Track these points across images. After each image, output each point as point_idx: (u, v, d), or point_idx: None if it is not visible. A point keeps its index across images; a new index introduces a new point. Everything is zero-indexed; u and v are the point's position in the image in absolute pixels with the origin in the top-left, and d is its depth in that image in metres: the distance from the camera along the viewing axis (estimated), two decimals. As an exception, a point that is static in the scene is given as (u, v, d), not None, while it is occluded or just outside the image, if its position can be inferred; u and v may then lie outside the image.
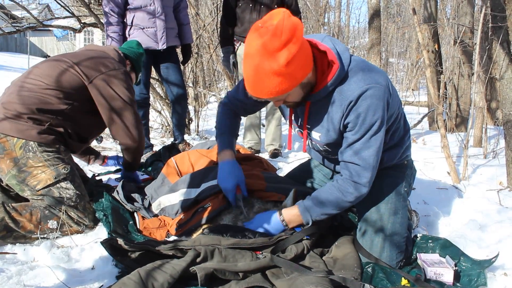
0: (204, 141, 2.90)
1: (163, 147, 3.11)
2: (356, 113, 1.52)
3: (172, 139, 4.02)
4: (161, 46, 3.29)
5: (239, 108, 1.94)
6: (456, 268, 1.61)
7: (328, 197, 1.64)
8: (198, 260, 1.50)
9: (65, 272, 1.59)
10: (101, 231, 1.98)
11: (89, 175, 2.53)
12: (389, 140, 1.75)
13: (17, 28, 4.15)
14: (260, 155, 3.65)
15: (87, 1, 4.03)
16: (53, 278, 1.54)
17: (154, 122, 4.92)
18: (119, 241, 1.56)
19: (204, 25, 5.92)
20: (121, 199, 2.13)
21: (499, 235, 1.91)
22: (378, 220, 1.73)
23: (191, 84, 5.51)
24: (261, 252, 1.62)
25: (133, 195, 2.19)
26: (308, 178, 2.09)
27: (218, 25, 6.12)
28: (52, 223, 1.94)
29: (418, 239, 1.85)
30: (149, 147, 3.63)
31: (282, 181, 2.03)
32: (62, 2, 4.08)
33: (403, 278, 1.54)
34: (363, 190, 1.61)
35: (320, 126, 1.67)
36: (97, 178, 2.48)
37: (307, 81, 1.51)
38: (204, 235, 1.69)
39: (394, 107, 1.65)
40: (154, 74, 4.17)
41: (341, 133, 1.63)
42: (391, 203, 1.75)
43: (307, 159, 3.51)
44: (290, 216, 1.69)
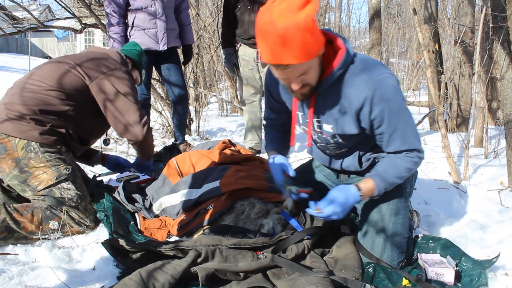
0: (205, 142, 2.91)
1: (163, 148, 3.12)
2: (380, 107, 1.52)
3: (173, 140, 4.02)
4: (162, 47, 3.30)
5: (280, 121, 1.93)
6: (457, 268, 1.61)
7: (397, 171, 1.64)
8: (199, 260, 1.50)
9: (66, 273, 1.59)
10: (102, 231, 1.98)
11: (90, 176, 2.53)
12: None
13: (18, 29, 4.16)
14: (261, 155, 3.65)
15: (88, 2, 4.03)
16: (54, 279, 1.54)
17: (155, 122, 4.92)
18: (121, 242, 1.56)
19: (205, 26, 5.93)
20: (122, 199, 2.13)
21: (500, 235, 1.91)
22: (379, 220, 1.72)
23: (191, 85, 5.51)
24: (261, 252, 1.62)
25: (134, 195, 2.19)
26: (309, 179, 2.09)
27: (219, 26, 6.14)
28: (53, 224, 1.94)
29: (419, 239, 1.85)
30: (150, 147, 3.64)
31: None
32: (63, 3, 4.09)
33: (404, 278, 1.54)
34: (423, 156, 1.67)
35: (330, 117, 1.64)
36: (98, 179, 2.48)
37: (321, 59, 1.49)
38: (205, 236, 1.69)
39: None
40: (155, 74, 4.17)
41: (359, 123, 1.60)
42: (393, 204, 1.75)
43: (308, 159, 3.52)
44: (367, 190, 1.62)
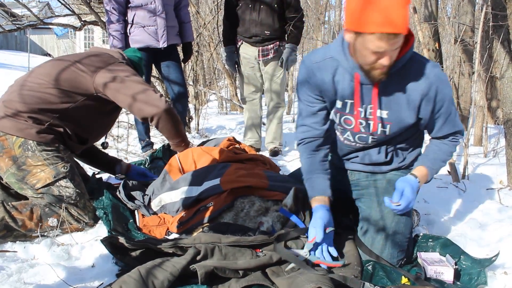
0: (211, 140, 2.91)
1: (163, 145, 3.11)
2: (444, 92, 1.60)
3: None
4: (162, 44, 3.29)
5: (315, 135, 1.78)
6: (456, 267, 1.61)
7: (443, 156, 1.74)
8: (198, 258, 1.50)
9: (65, 270, 1.59)
10: (101, 229, 1.98)
11: (90, 173, 2.53)
12: (417, 137, 1.83)
13: (17, 26, 4.14)
14: (260, 153, 3.65)
15: (87, -1, 4.02)
16: (53, 276, 1.54)
17: (154, 120, 4.91)
18: (120, 239, 1.56)
19: (205, 23, 5.92)
20: (123, 198, 2.13)
21: (499, 234, 1.91)
22: (380, 219, 1.72)
23: (191, 82, 5.50)
24: (261, 250, 1.62)
25: (134, 193, 2.19)
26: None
27: (219, 24, 6.12)
28: (52, 221, 1.94)
29: (418, 238, 1.85)
30: (149, 145, 3.63)
31: (284, 180, 2.03)
32: (63, 0, 4.07)
33: (403, 276, 1.54)
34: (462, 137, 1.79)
35: (389, 103, 1.63)
36: (98, 176, 2.47)
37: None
38: (204, 233, 1.69)
39: None
40: (154, 72, 4.16)
41: (418, 110, 1.64)
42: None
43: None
44: (422, 177, 1.68)
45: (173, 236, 1.92)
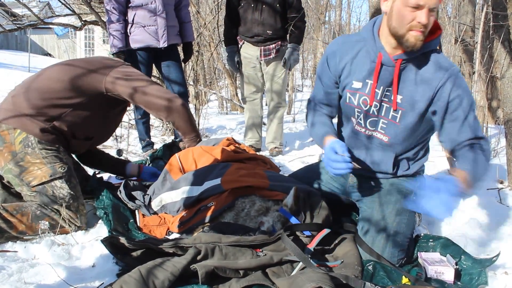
0: (208, 139, 2.90)
1: (163, 145, 3.11)
2: (459, 90, 1.60)
3: (172, 137, 4.02)
4: (162, 44, 3.29)
5: (324, 106, 1.93)
6: (457, 267, 1.61)
7: (483, 170, 1.60)
8: (199, 258, 1.50)
9: (65, 270, 1.59)
10: (102, 229, 1.98)
11: (90, 173, 2.53)
12: (425, 142, 1.83)
13: (17, 25, 4.14)
14: (261, 153, 3.65)
15: (88, -1, 4.02)
16: (54, 276, 1.54)
17: (154, 120, 4.92)
18: (121, 240, 1.56)
19: (205, 23, 5.92)
20: (123, 198, 2.13)
21: (500, 234, 1.91)
22: (381, 219, 1.73)
23: (191, 82, 5.50)
24: (261, 250, 1.62)
25: (134, 193, 2.19)
26: (314, 179, 2.09)
27: (219, 24, 6.12)
28: (44, 224, 1.93)
29: (419, 238, 1.85)
30: (150, 145, 3.63)
31: (285, 180, 2.03)
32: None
33: (403, 276, 1.54)
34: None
35: (405, 88, 1.66)
36: (98, 176, 2.47)
37: None
38: (204, 233, 1.69)
39: None
40: (154, 72, 4.16)
41: (431, 102, 1.64)
42: (396, 204, 1.76)
43: (308, 157, 3.52)
44: (463, 178, 1.51)
45: (173, 236, 1.92)
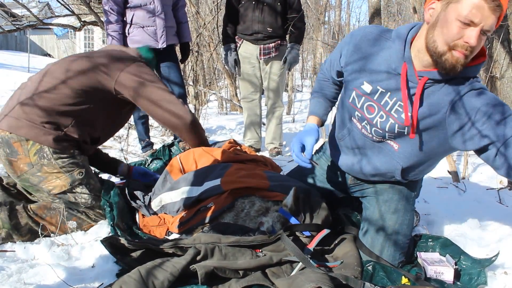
0: (212, 142, 2.91)
1: (163, 146, 3.11)
2: (471, 106, 1.38)
3: (172, 138, 4.01)
4: (161, 44, 3.29)
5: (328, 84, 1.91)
6: (456, 267, 1.61)
7: None
8: (198, 258, 1.50)
9: (65, 270, 1.59)
10: (102, 229, 1.98)
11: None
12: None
13: (17, 26, 4.14)
14: (260, 153, 3.65)
15: (87, -1, 4.02)
16: (53, 276, 1.54)
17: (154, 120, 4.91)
18: (121, 240, 1.56)
19: (205, 24, 5.92)
20: (127, 197, 2.14)
21: (499, 234, 1.91)
22: (380, 219, 1.73)
23: (191, 83, 5.50)
24: (260, 250, 1.62)
25: (136, 192, 2.20)
26: (308, 176, 2.09)
27: (219, 24, 6.12)
28: (72, 223, 1.97)
29: (418, 238, 1.85)
30: (149, 145, 3.63)
31: (285, 180, 2.03)
32: (62, 0, 4.07)
33: (403, 276, 1.54)
34: None
35: (425, 113, 1.46)
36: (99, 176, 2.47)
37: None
38: (204, 233, 1.69)
39: None
40: (154, 72, 4.16)
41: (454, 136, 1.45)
42: (394, 203, 1.76)
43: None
44: None
45: (173, 236, 1.92)
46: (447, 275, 1.58)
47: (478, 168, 3.07)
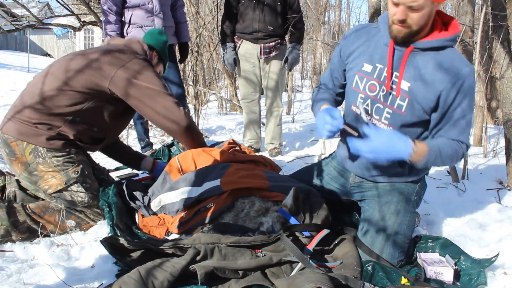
0: (211, 143, 2.91)
1: (162, 146, 3.11)
2: (466, 91, 1.64)
3: (171, 138, 4.01)
4: (161, 44, 3.28)
5: (330, 87, 1.99)
6: (456, 267, 1.61)
7: (448, 151, 1.64)
8: (198, 258, 1.50)
9: (65, 271, 1.59)
10: (101, 229, 1.98)
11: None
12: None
13: (17, 26, 4.14)
14: (260, 153, 3.64)
15: (87, -1, 4.02)
16: (53, 277, 1.54)
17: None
18: (121, 241, 1.56)
19: (204, 24, 5.92)
20: (126, 197, 2.13)
21: (499, 234, 1.91)
22: (381, 220, 1.73)
23: (191, 83, 5.50)
24: (260, 251, 1.62)
25: (135, 193, 2.19)
26: (315, 180, 2.09)
27: (218, 24, 6.11)
28: (70, 222, 1.98)
29: (418, 238, 1.85)
30: (149, 145, 3.63)
31: (285, 180, 2.03)
32: (62, 0, 4.07)
33: (403, 277, 1.54)
34: (466, 152, 1.71)
35: (414, 76, 1.68)
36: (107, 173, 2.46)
37: (430, 18, 1.61)
38: (203, 234, 1.69)
39: None
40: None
41: (438, 97, 1.65)
42: (395, 205, 1.77)
43: (307, 158, 3.52)
44: (420, 149, 1.59)
45: (172, 236, 1.92)
46: (447, 275, 1.58)
47: (478, 169, 3.07)
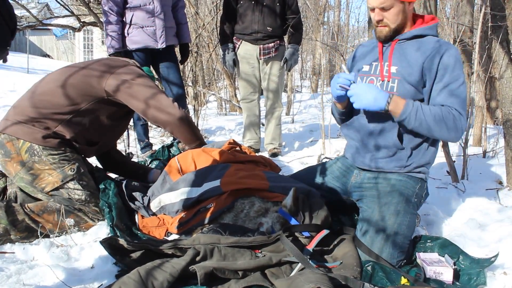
0: (211, 142, 2.91)
1: (162, 146, 3.11)
2: (449, 56, 1.77)
3: (171, 138, 4.01)
4: (161, 45, 3.29)
5: None
6: (456, 267, 1.62)
7: (434, 110, 1.74)
8: (198, 259, 1.50)
9: (64, 271, 1.59)
10: (101, 230, 1.98)
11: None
12: None
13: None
14: (260, 154, 3.64)
15: (86, 0, 4.02)
16: (53, 277, 1.54)
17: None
18: (121, 241, 1.56)
19: (204, 24, 5.92)
20: (125, 198, 2.13)
21: (498, 234, 1.91)
22: (380, 220, 1.73)
23: (190, 83, 5.50)
24: (260, 251, 1.62)
25: (134, 193, 2.19)
26: (316, 179, 2.10)
27: (218, 24, 6.12)
28: (69, 221, 1.98)
29: (417, 238, 1.85)
30: (148, 146, 3.63)
31: (285, 181, 2.03)
32: (62, 1, 4.07)
33: (402, 277, 1.54)
34: (463, 120, 1.77)
35: (400, 60, 1.87)
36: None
37: (406, 14, 1.83)
38: (203, 234, 1.69)
39: None
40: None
41: (422, 71, 1.81)
42: (394, 205, 1.77)
43: (307, 158, 3.52)
44: (397, 98, 1.75)
45: (172, 237, 1.92)
46: (446, 275, 1.58)
47: (477, 169, 3.07)
